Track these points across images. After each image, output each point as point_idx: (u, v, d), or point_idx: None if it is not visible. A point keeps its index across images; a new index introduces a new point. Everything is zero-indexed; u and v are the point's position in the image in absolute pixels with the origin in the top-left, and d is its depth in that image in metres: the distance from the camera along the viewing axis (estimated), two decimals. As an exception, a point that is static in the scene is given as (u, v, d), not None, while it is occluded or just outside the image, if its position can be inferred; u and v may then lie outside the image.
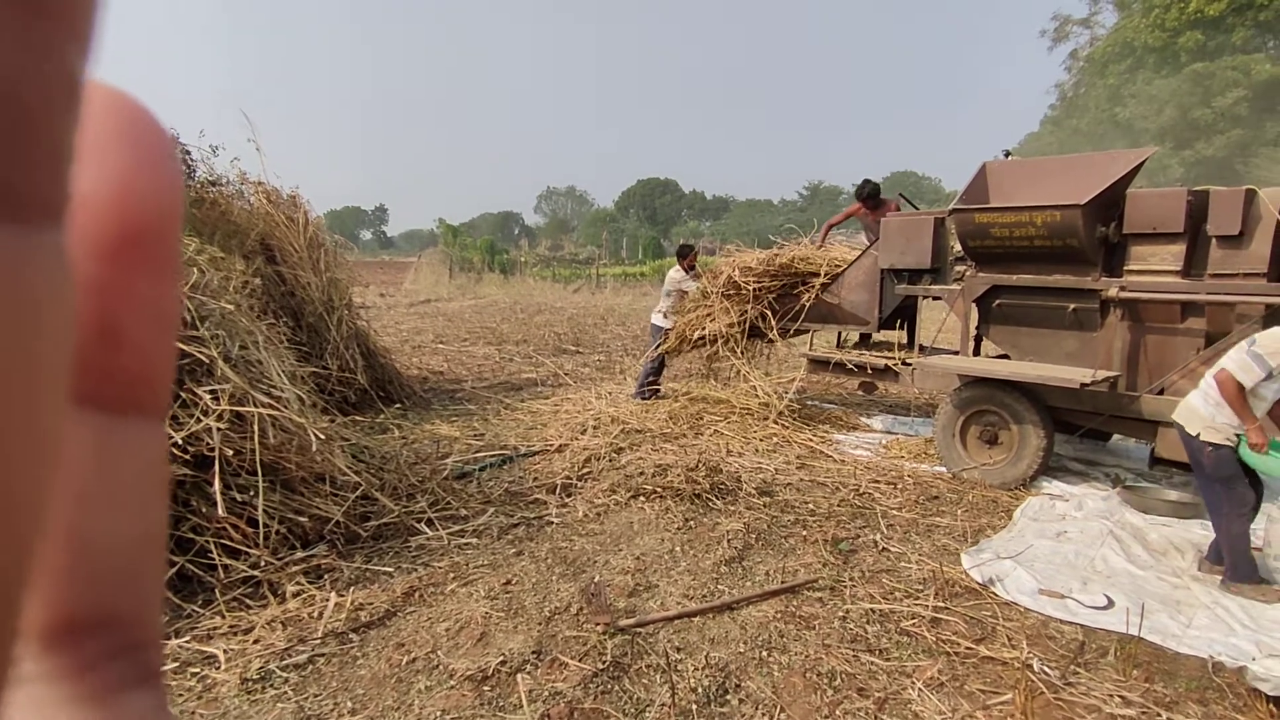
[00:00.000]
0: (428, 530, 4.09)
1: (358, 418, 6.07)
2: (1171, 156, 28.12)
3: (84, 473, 0.16)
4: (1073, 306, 5.20)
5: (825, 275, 6.80)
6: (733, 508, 4.61)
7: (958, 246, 5.94)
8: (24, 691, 0.15)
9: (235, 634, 3.01)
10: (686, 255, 7.89)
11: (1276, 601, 3.56)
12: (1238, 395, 3.57)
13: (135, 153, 0.16)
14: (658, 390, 7.66)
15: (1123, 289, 4.93)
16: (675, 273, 7.80)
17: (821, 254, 7.15)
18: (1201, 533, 4.34)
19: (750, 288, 7.01)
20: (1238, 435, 3.63)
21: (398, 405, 6.94)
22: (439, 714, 2.56)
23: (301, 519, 3.68)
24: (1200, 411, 3.75)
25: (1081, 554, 4.10)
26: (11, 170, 0.10)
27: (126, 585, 0.17)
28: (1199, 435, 3.72)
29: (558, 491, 4.82)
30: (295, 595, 3.30)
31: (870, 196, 7.67)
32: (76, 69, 0.11)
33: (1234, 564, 3.68)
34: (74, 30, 0.11)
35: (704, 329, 7.26)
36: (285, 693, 2.67)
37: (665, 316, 7.72)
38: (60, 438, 0.12)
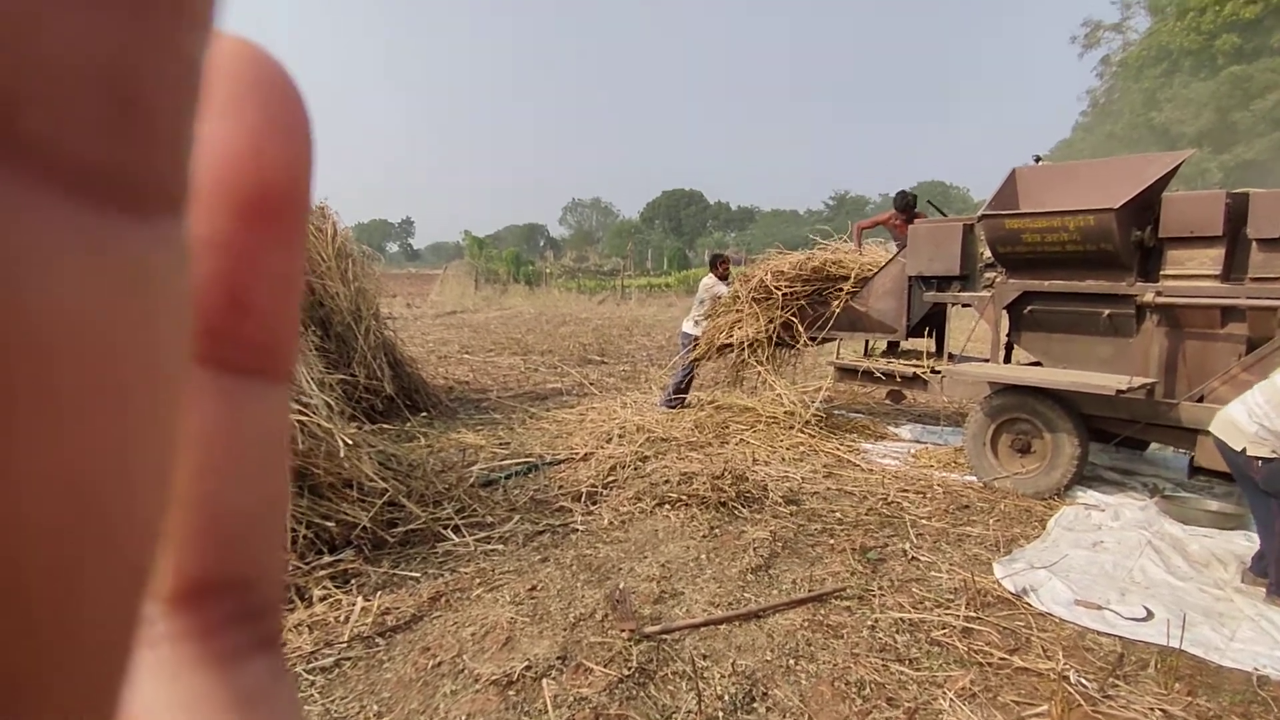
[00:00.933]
0: (454, 537, 4.10)
1: (385, 425, 6.13)
2: (1210, 160, 27.58)
3: (214, 436, 0.16)
4: (1107, 312, 5.10)
5: (856, 280, 6.74)
6: (759, 516, 4.57)
7: (987, 253, 5.86)
8: (150, 652, 0.15)
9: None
10: (719, 264, 7.91)
11: None
12: None
13: (269, 111, 0.16)
14: (684, 400, 7.63)
15: (1159, 294, 4.82)
16: (708, 279, 7.79)
17: (855, 257, 7.10)
18: (1244, 544, 4.21)
19: (781, 291, 6.97)
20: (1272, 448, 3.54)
21: (424, 414, 6.99)
22: (464, 718, 2.55)
23: (329, 524, 3.71)
24: (1244, 426, 3.64)
25: (1119, 564, 4.00)
26: (126, 160, 0.10)
27: (251, 549, 0.17)
28: (1244, 450, 3.61)
29: (583, 499, 4.81)
30: (322, 599, 3.32)
31: (908, 208, 7.64)
32: (195, 56, 0.11)
33: (1278, 578, 3.56)
34: (193, 18, 0.11)
35: (731, 335, 7.23)
36: (312, 695, 2.68)
37: (696, 324, 7.70)
38: (179, 422, 0.12)
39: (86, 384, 0.10)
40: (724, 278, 7.72)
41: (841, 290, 6.78)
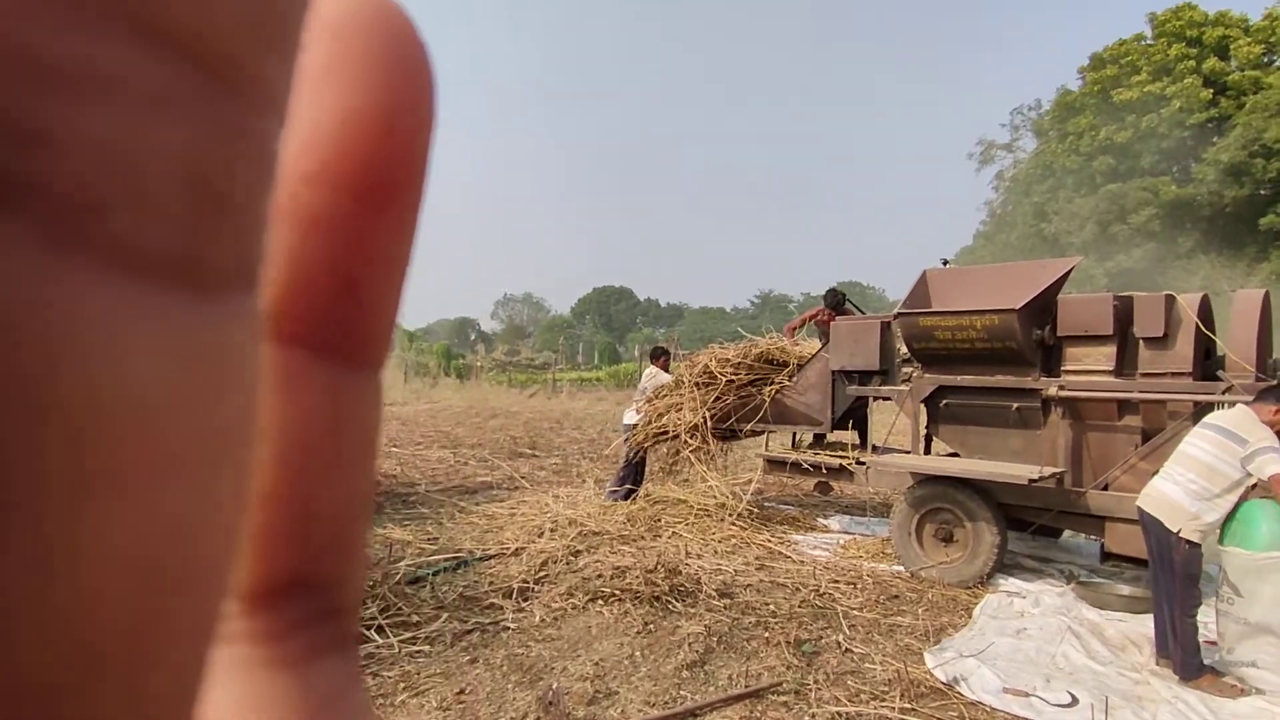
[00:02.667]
0: (377, 638, 3.90)
1: (305, 522, 5.85)
2: (1096, 267, 29.95)
3: (311, 426, 0.15)
4: (1016, 405, 5.40)
5: (795, 368, 6.98)
6: (693, 610, 4.52)
7: (904, 349, 6.18)
8: (231, 651, 0.15)
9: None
10: (660, 356, 8.27)
11: (1238, 696, 3.58)
12: None
13: (399, 74, 0.14)
14: (634, 493, 7.55)
15: (1061, 388, 5.16)
16: (650, 369, 8.12)
17: (793, 348, 7.40)
18: (1155, 627, 4.38)
19: (725, 376, 7.14)
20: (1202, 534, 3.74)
21: (347, 509, 6.71)
22: (386, 837, 2.38)
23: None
24: (1185, 507, 3.76)
25: (1042, 650, 4.10)
26: (200, 246, 0.10)
27: (334, 548, 0.16)
28: (1179, 531, 3.75)
29: (514, 596, 4.67)
30: (232, 711, 3.08)
31: (837, 305, 8.08)
32: (271, 140, 0.11)
33: (1185, 662, 3.71)
34: (266, 106, 0.11)
35: (669, 420, 7.30)
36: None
37: (637, 413, 7.80)
38: (244, 498, 0.12)
39: (152, 460, 0.10)
40: (665, 369, 8.00)
41: (776, 380, 6.99)
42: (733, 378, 7.18)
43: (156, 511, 0.10)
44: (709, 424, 7.19)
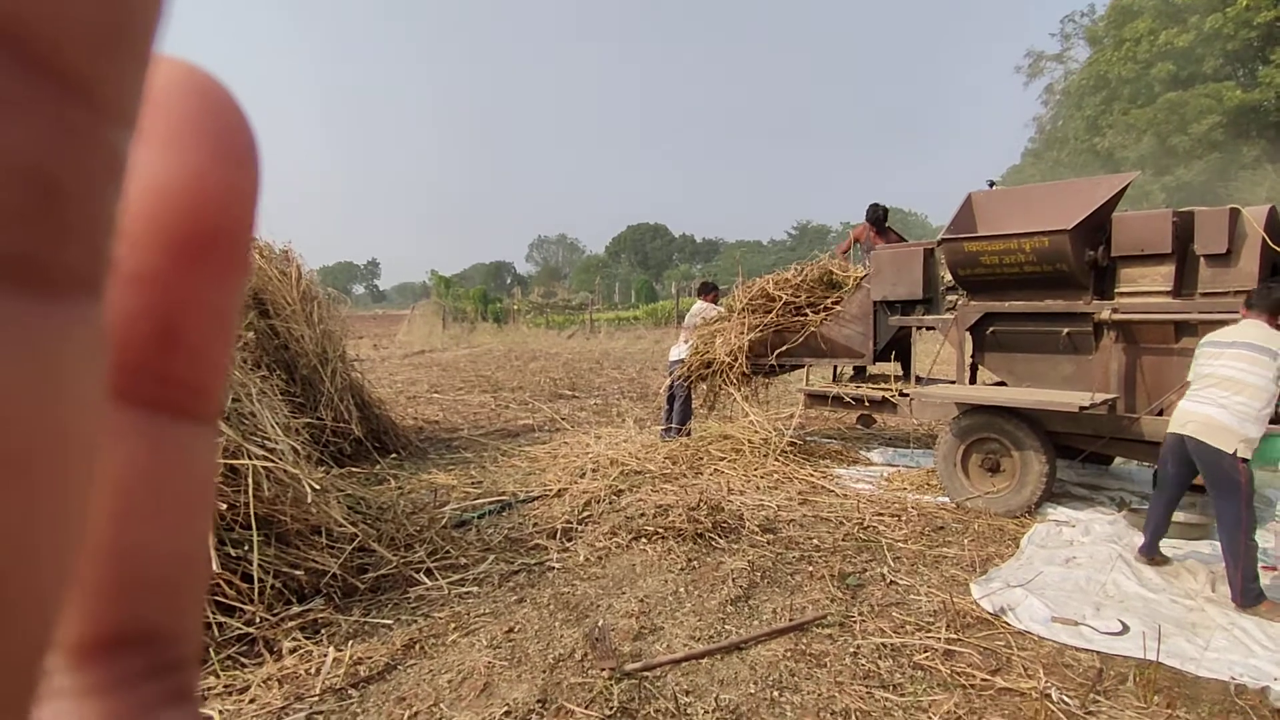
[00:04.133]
0: (427, 580, 4.01)
1: (353, 469, 6.00)
2: (1153, 183, 28.58)
3: (135, 479, 0.15)
4: (1066, 331, 5.22)
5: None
6: (736, 546, 4.54)
7: (948, 276, 5.98)
8: (55, 706, 0.15)
9: (230, 694, 2.92)
10: (710, 291, 8.14)
11: None
12: None
13: (215, 142, 0.15)
14: (687, 431, 7.54)
15: (1115, 311, 4.95)
16: (699, 304, 7.98)
17: (849, 268, 7.22)
18: (1210, 553, 4.28)
19: (784, 297, 6.99)
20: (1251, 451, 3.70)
21: (394, 455, 6.87)
22: (442, 770, 2.47)
23: (297, 573, 3.61)
24: (1235, 429, 3.70)
25: (1092, 579, 4.04)
26: (41, 248, 0.10)
27: (167, 601, 0.16)
28: (1235, 452, 3.68)
29: (558, 536, 4.74)
30: (292, 652, 3.21)
31: (879, 220, 7.88)
32: (119, 148, 0.11)
33: (1246, 587, 3.62)
34: (117, 114, 0.11)
35: (714, 351, 7.22)
36: (282, 754, 2.58)
37: (686, 343, 7.72)
38: (86, 496, 0.12)
39: None
40: (714, 304, 7.94)
41: (830, 303, 6.85)
42: (792, 299, 6.98)
43: None
44: (747, 351, 7.04)
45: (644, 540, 4.62)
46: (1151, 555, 4.22)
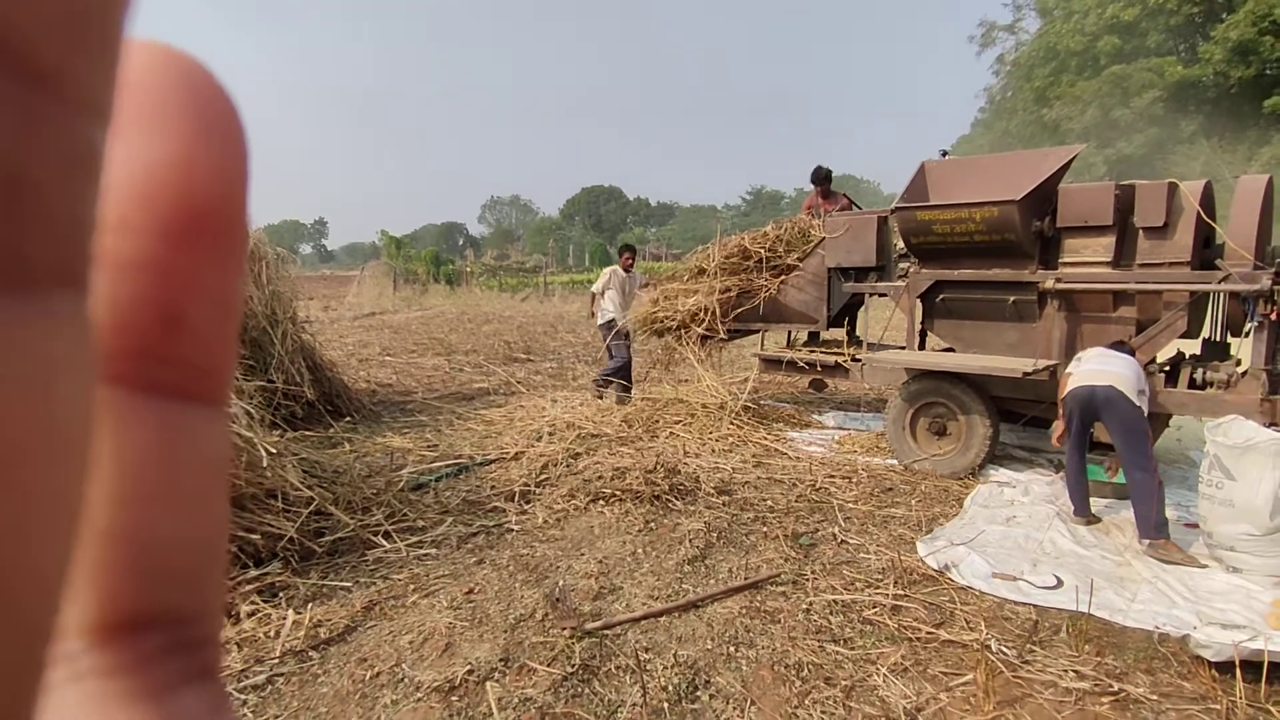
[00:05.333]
0: (385, 543, 4.00)
1: (307, 432, 5.91)
2: (1096, 154, 29.32)
3: (146, 463, 0.15)
4: (1012, 299, 5.38)
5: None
6: (693, 508, 4.63)
7: (901, 244, 6.10)
8: (81, 686, 0.15)
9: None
10: (628, 252, 8.19)
11: (1196, 565, 3.83)
12: None
13: (200, 123, 0.15)
14: (628, 389, 7.59)
15: (1058, 280, 5.13)
16: (609, 269, 8.04)
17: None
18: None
19: (762, 254, 6.91)
20: None
21: (347, 419, 6.78)
22: (406, 728, 2.50)
23: (253, 536, 3.57)
24: (1135, 385, 4.12)
25: (1030, 537, 4.24)
26: (13, 242, 0.10)
27: (187, 581, 0.17)
28: (1140, 404, 4.08)
29: (516, 499, 4.77)
30: (250, 615, 3.19)
31: (825, 180, 7.89)
32: (93, 140, 0.11)
33: (1159, 521, 3.96)
34: (88, 106, 0.11)
35: (673, 309, 7.21)
36: (244, 715, 2.58)
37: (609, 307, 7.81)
38: (81, 487, 0.12)
39: None
40: (629, 268, 7.93)
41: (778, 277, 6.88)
42: (769, 255, 6.90)
43: None
44: (718, 312, 7.00)
45: (602, 502, 4.68)
46: (1162, 535, 4.05)
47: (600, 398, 7.48)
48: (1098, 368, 4.26)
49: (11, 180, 0.10)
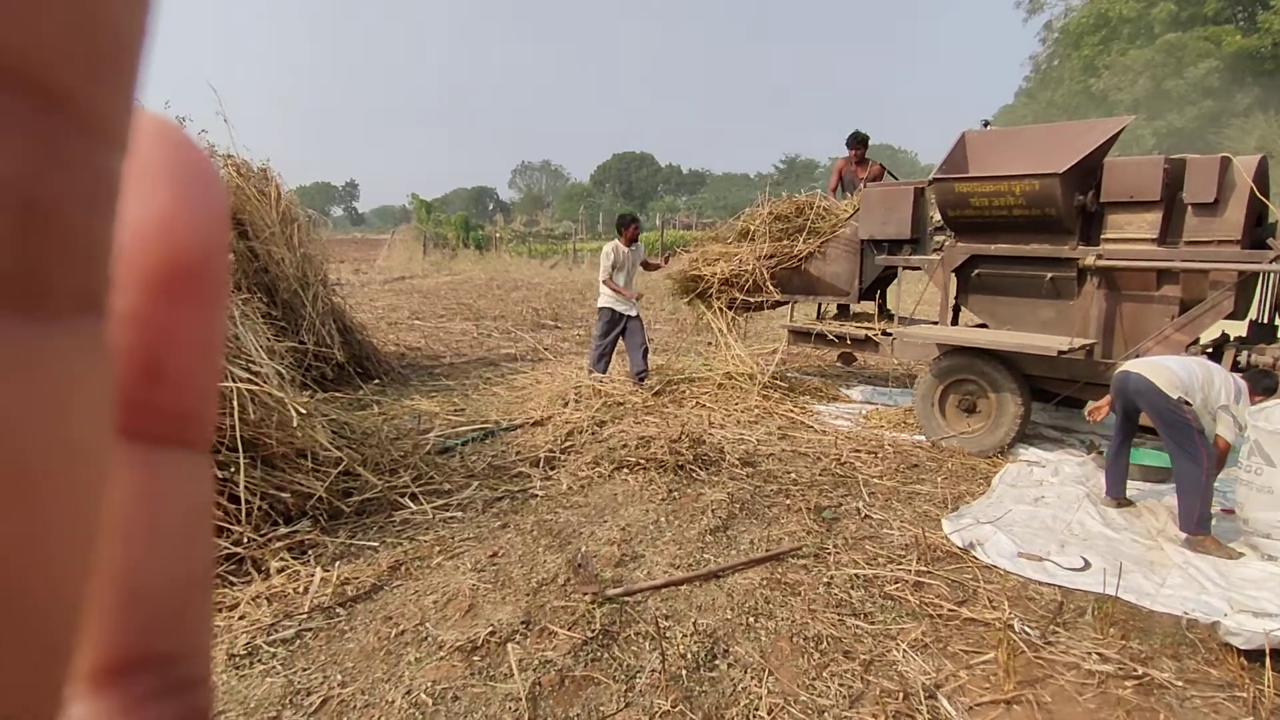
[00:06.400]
0: (411, 505, 4.06)
1: (337, 394, 6.00)
2: (1145, 127, 28.37)
3: (132, 509, 0.16)
4: (1050, 275, 5.25)
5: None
6: (716, 478, 4.63)
7: (937, 217, 5.97)
8: None
9: (220, 610, 2.98)
10: (631, 224, 6.88)
11: (1237, 558, 3.67)
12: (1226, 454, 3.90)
13: (181, 185, 0.16)
14: (643, 375, 6.93)
15: (1099, 257, 4.98)
16: (610, 244, 6.90)
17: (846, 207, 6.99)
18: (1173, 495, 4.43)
19: (809, 216, 6.72)
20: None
21: (376, 381, 6.87)
22: (430, 685, 2.56)
23: (283, 495, 3.64)
24: (1185, 384, 3.86)
25: (1058, 518, 4.18)
26: (36, 268, 0.11)
27: (175, 624, 0.17)
28: (1180, 399, 3.83)
29: (541, 465, 4.81)
30: (280, 571, 3.27)
31: (861, 144, 7.72)
32: (111, 168, 0.12)
33: (1203, 516, 3.78)
34: (107, 135, 0.12)
35: (724, 271, 7.03)
36: (273, 667, 2.65)
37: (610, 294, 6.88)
38: (99, 507, 0.12)
39: (3, 472, 0.10)
40: (632, 241, 6.88)
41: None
42: (815, 225, 6.72)
43: (10, 527, 0.11)
44: (765, 276, 6.82)
45: (626, 470, 4.70)
46: (1205, 530, 3.88)
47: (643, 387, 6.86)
48: (1150, 359, 4.12)
49: (36, 206, 0.11)
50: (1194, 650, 2.91)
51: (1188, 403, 3.82)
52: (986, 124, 6.17)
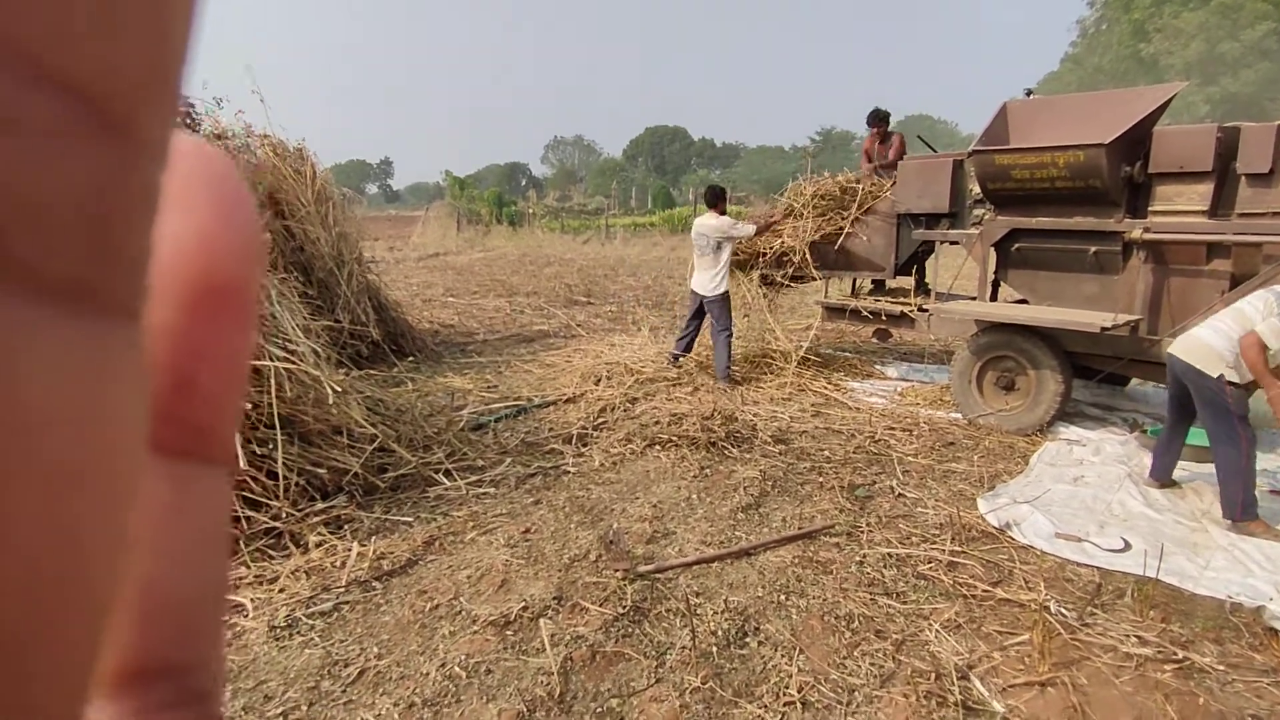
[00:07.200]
0: (445, 481, 4.12)
1: (372, 371, 6.09)
2: (1197, 93, 27.30)
3: (156, 519, 0.16)
4: (1094, 249, 5.10)
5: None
6: (748, 456, 4.62)
7: (976, 189, 5.81)
8: None
9: (261, 583, 3.06)
10: (720, 199, 6.45)
11: None
12: (1262, 360, 3.55)
13: (217, 205, 0.16)
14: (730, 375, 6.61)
15: (1147, 230, 4.82)
16: (712, 220, 6.32)
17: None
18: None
19: (862, 190, 6.57)
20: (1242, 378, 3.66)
21: (410, 358, 6.95)
22: (463, 658, 2.61)
23: (320, 471, 3.71)
24: (1223, 354, 3.70)
25: (1099, 498, 4.10)
26: (93, 274, 0.11)
27: (190, 634, 0.17)
28: (1221, 376, 3.68)
29: (573, 441, 4.84)
30: (317, 545, 3.35)
31: (880, 121, 7.53)
32: (156, 182, 0.13)
33: (1246, 502, 3.66)
34: (152, 149, 0.12)
35: (771, 248, 6.89)
36: (312, 639, 2.73)
37: (717, 280, 6.28)
38: (133, 508, 0.13)
39: (43, 472, 0.11)
40: (723, 215, 6.42)
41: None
42: (871, 201, 6.52)
43: (51, 520, 0.11)
44: (808, 256, 6.67)
45: (658, 447, 4.71)
46: (1251, 516, 3.73)
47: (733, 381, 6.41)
48: (1186, 336, 3.96)
49: (91, 215, 0.11)
50: (1237, 634, 2.84)
51: (1231, 382, 3.68)
52: (1029, 93, 5.98)
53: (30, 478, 0.11)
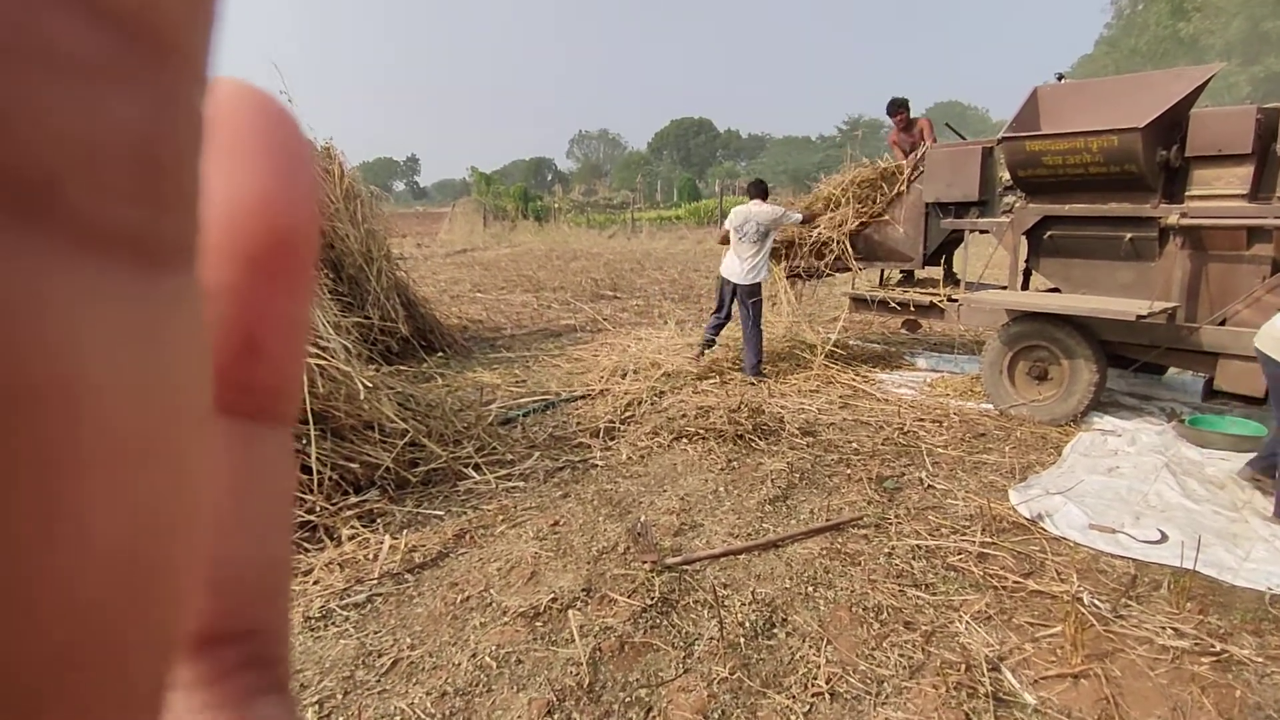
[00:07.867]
0: (475, 475, 4.17)
1: (401, 367, 6.18)
2: (1239, 73, 26.53)
3: (225, 481, 0.16)
4: (1129, 236, 4.99)
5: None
6: (776, 448, 4.61)
7: (1007, 177, 5.72)
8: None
9: (295, 575, 3.13)
10: (763, 191, 6.40)
11: None
12: None
13: (278, 159, 0.16)
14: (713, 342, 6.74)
15: (1184, 215, 4.71)
16: (763, 206, 6.19)
17: None
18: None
19: (906, 173, 6.47)
20: None
21: (440, 354, 7.03)
22: (494, 648, 2.65)
23: (352, 465, 3.79)
24: None
25: (1134, 489, 4.03)
26: (149, 221, 0.11)
27: (261, 599, 0.17)
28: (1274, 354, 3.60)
29: (601, 435, 4.87)
30: (350, 538, 3.41)
31: (899, 109, 7.40)
32: (199, 109, 0.12)
33: None
34: (196, 73, 0.11)
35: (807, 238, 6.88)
36: (346, 630, 2.79)
37: (755, 269, 6.15)
38: (203, 475, 0.12)
39: (118, 445, 0.10)
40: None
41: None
42: (904, 188, 6.45)
43: (128, 497, 0.11)
44: (848, 248, 6.64)
45: (685, 440, 4.72)
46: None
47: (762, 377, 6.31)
48: (1268, 324, 3.80)
49: (144, 156, 0.10)
50: (1277, 626, 2.78)
51: None
52: (1061, 77, 5.87)
53: (100, 459, 0.10)
